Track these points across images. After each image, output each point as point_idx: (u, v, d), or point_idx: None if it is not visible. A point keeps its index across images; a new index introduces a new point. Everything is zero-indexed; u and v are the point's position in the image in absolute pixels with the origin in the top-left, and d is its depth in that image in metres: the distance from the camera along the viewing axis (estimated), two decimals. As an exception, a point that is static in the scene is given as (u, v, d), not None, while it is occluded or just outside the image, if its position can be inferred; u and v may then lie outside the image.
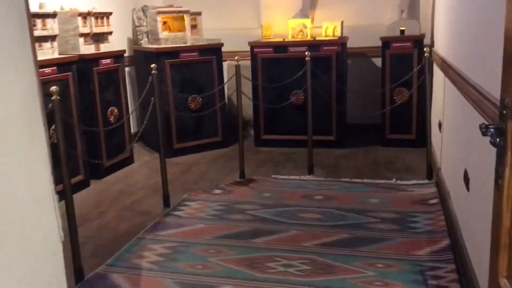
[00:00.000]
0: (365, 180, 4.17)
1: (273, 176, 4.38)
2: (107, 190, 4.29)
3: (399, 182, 4.08)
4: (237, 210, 3.63)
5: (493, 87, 2.01)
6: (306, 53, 4.24)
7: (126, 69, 5.72)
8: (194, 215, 3.58)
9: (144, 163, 5.06)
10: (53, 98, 2.69)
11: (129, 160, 4.98)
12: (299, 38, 5.34)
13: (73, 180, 4.15)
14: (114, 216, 3.70)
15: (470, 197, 2.51)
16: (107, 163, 4.66)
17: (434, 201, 3.58)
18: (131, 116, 5.68)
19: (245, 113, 5.36)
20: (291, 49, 5.19)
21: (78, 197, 4.09)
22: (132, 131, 5.72)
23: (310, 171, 4.37)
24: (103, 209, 3.84)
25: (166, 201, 3.79)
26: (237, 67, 4.07)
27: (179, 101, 5.12)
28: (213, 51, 5.26)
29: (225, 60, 5.79)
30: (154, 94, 3.60)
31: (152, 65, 3.58)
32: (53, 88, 2.73)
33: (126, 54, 5.64)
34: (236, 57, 4.08)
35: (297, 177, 4.32)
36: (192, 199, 3.89)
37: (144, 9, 5.54)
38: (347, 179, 4.21)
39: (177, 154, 5.22)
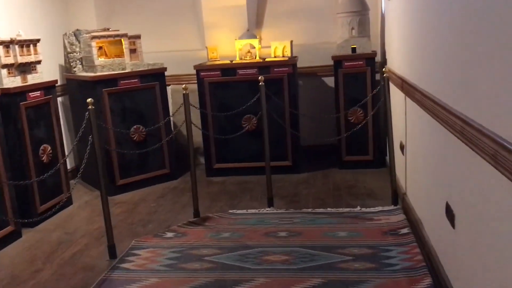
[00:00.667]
0: (329, 210, 3.90)
1: (230, 211, 4.03)
2: (43, 240, 3.76)
3: (364, 209, 3.85)
4: (194, 256, 3.23)
5: (483, 117, 1.79)
6: (260, 77, 3.94)
7: (59, 99, 5.21)
8: (145, 266, 3.15)
9: (84, 204, 4.55)
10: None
11: (67, 202, 4.44)
12: (248, 59, 5.05)
13: (1, 233, 3.63)
14: (52, 274, 3.20)
15: (457, 236, 2.27)
16: (41, 207, 4.14)
17: (405, 230, 3.35)
18: (67, 150, 5.16)
19: (193, 139, 4.97)
20: (240, 71, 4.89)
21: (8, 253, 3.56)
22: (69, 166, 5.21)
23: (270, 203, 4.06)
24: (39, 266, 3.32)
25: (112, 252, 3.34)
26: (185, 97, 3.70)
27: (121, 133, 4.67)
28: (156, 76, 4.86)
29: (169, 85, 5.41)
30: (92, 132, 3.16)
31: (89, 100, 3.15)
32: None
33: (58, 83, 5.14)
34: (184, 86, 3.71)
35: (256, 211, 3.99)
36: (142, 246, 3.45)
37: (76, 34, 5.06)
38: (309, 210, 3.93)
39: (121, 191, 4.75)
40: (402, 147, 3.87)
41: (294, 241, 3.35)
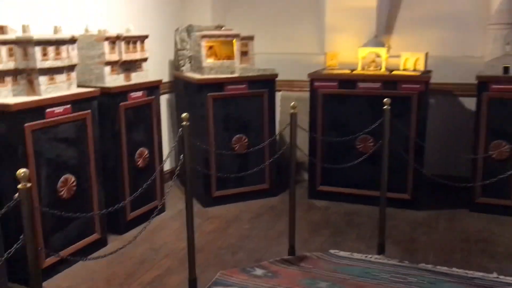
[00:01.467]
0: (455, 271, 3.14)
1: (331, 251, 3.45)
2: (126, 254, 3.49)
3: (502, 278, 3.04)
4: (283, 310, 2.73)
5: None
6: (386, 100, 3.27)
7: (166, 96, 5.01)
8: (226, 313, 2.72)
9: (177, 214, 4.26)
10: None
11: (159, 208, 4.17)
12: (371, 70, 4.38)
13: (87, 240, 3.44)
14: (125, 301, 2.91)
15: None
16: (131, 214, 3.92)
17: None
18: (166, 153, 4.94)
19: (298, 152, 4.41)
20: (361, 84, 4.24)
21: (90, 265, 3.33)
22: (168, 166, 5.01)
23: (380, 249, 3.40)
24: (115, 288, 3.05)
25: (193, 286, 2.95)
26: (293, 117, 3.17)
27: (222, 141, 4.30)
28: (265, 83, 4.40)
29: (279, 90, 4.95)
30: (184, 151, 2.78)
31: (183, 115, 2.76)
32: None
33: (166, 80, 4.94)
34: (293, 104, 3.18)
35: (363, 257, 3.36)
36: (226, 283, 3.02)
37: (188, 30, 4.77)
38: (429, 266, 3.20)
39: (216, 203, 4.40)
40: None
41: (407, 312, 2.70)
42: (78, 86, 3.42)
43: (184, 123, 2.75)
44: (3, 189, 2.82)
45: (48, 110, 3.03)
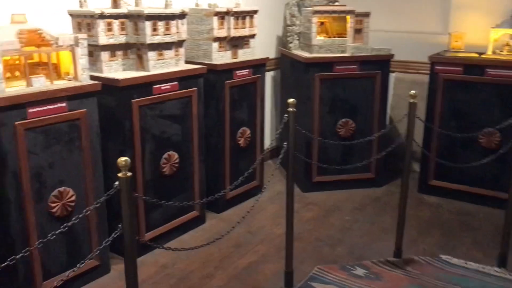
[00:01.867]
0: None
1: (442, 257, 3.11)
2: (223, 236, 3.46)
3: None
4: (385, 320, 2.50)
5: None
6: (524, 93, 2.82)
7: (271, 73, 4.87)
8: (322, 314, 2.55)
9: (275, 195, 4.14)
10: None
11: (258, 189, 4.09)
12: (504, 55, 3.83)
13: (186, 217, 3.46)
14: (220, 287, 2.85)
15: None
16: (230, 193, 3.86)
17: None
18: (268, 132, 4.83)
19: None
20: (490, 70, 3.73)
21: (186, 242, 3.34)
22: (268, 145, 4.89)
23: (502, 261, 3.00)
24: (210, 271, 3.01)
25: (288, 279, 2.81)
26: (412, 107, 2.84)
27: (326, 124, 4.08)
28: (379, 64, 4.05)
29: (393, 72, 4.56)
30: (288, 139, 2.60)
31: (290, 100, 2.56)
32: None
33: (273, 56, 4.79)
34: (413, 92, 2.84)
35: (479, 267, 2.98)
36: (323, 279, 2.85)
37: (299, 4, 4.53)
38: (562, 289, 2.77)
39: (316, 188, 4.21)
40: None
41: None
42: (186, 62, 3.37)
43: (290, 109, 2.56)
44: (110, 162, 2.87)
45: (155, 86, 3.01)
